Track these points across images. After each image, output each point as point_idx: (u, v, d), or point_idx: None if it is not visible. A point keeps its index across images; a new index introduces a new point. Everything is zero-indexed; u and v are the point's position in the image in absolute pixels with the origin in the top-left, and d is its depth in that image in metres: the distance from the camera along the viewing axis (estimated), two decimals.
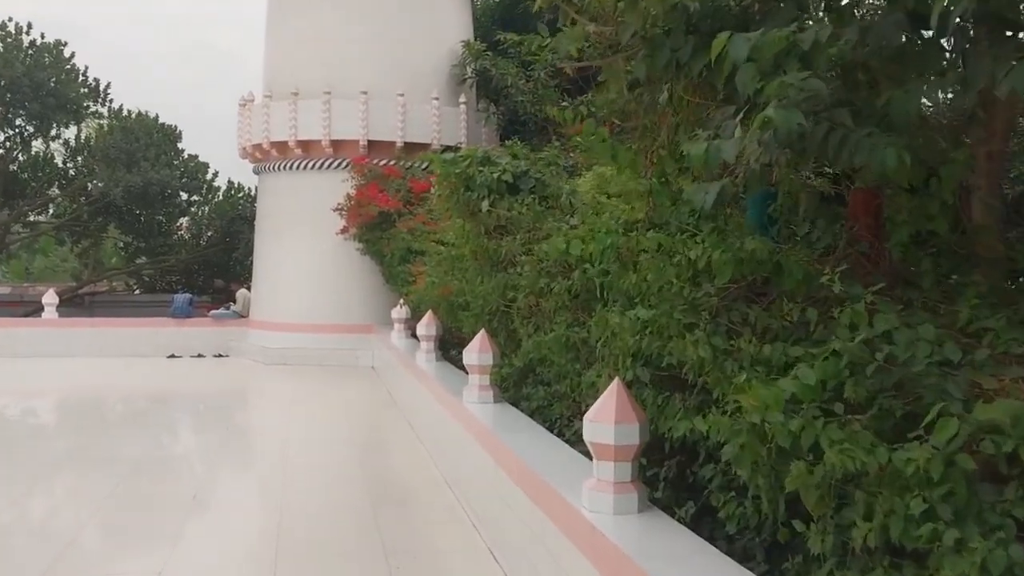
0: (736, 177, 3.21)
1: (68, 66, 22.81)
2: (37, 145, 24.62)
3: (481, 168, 7.05)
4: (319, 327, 15.59)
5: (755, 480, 3.21)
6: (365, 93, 15.34)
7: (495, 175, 6.93)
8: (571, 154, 9.09)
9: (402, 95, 15.45)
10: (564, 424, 5.98)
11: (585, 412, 5.83)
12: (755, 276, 3.47)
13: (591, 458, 5.15)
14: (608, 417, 3.79)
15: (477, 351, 6.76)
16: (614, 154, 4.20)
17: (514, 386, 7.19)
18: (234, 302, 18.06)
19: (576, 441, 5.75)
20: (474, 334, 8.25)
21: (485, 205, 6.87)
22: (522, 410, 6.66)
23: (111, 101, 24.13)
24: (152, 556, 5.49)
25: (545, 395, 6.40)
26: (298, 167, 15.93)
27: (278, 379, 14.14)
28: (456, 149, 12.26)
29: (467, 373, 7.57)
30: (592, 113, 4.80)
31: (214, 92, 65.60)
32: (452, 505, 6.61)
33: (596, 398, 5.20)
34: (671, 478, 4.38)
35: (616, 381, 3.88)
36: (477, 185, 7.03)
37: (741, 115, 3.53)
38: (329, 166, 15.71)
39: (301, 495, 7.00)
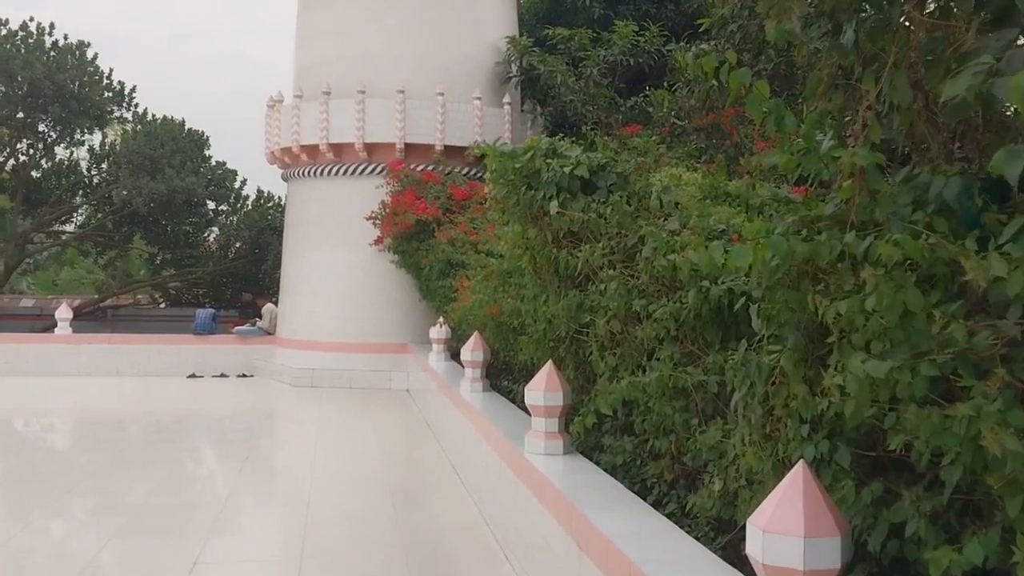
0: None
1: (91, 68, 21.82)
2: (60, 152, 23.72)
3: (548, 160, 5.69)
4: (350, 346, 14.32)
5: None
6: (402, 92, 14.09)
7: (566, 169, 5.55)
8: (625, 156, 7.80)
9: (442, 94, 14.19)
10: (663, 492, 4.57)
11: (701, 479, 4.44)
12: None
13: (717, 546, 3.77)
14: (794, 526, 2.40)
15: (543, 389, 5.38)
16: (780, 119, 2.82)
17: (585, 431, 5.79)
18: (260, 317, 16.86)
19: (682, 516, 4.35)
20: (532, 362, 6.90)
21: (554, 206, 5.49)
22: (597, 463, 5.28)
23: (136, 106, 23.15)
24: None
25: (634, 449, 5.00)
26: (329, 172, 14.70)
27: (305, 404, 12.84)
28: None
29: (529, 414, 6.25)
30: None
31: (247, 104, 65.04)
32: None
33: (725, 467, 3.83)
34: None
35: (801, 467, 2.49)
36: (543, 182, 5.66)
37: None
38: (363, 171, 14.46)
39: (325, 569, 5.65)
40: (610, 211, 5.06)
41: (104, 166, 23.81)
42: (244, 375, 15.67)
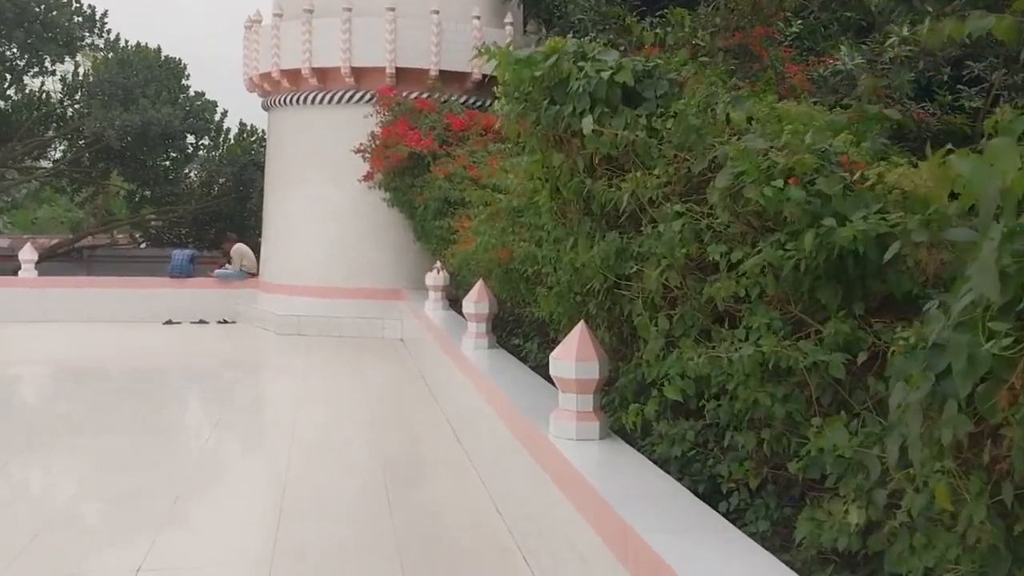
0: None
1: None
2: (30, 81, 22.11)
3: (580, 65, 4.44)
4: (339, 291, 13.13)
5: None
6: (392, 10, 12.66)
7: (604, 75, 4.32)
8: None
9: (437, 13, 12.77)
10: (744, 501, 3.43)
11: (807, 494, 3.27)
12: None
13: None
14: None
15: (575, 358, 4.21)
16: None
17: (620, 406, 4.67)
18: (230, 261, 15.41)
19: (772, 535, 3.23)
20: (551, 319, 5.74)
21: (588, 124, 4.27)
22: (641, 450, 4.16)
23: (108, 32, 21.51)
24: None
25: (696, 439, 3.85)
26: (313, 100, 13.34)
27: (289, 355, 11.71)
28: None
29: (544, 378, 5.16)
30: None
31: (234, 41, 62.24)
32: None
33: (868, 490, 2.68)
34: None
35: None
36: (572, 93, 4.43)
37: None
38: (350, 99, 13.11)
39: (301, 571, 4.56)
40: (671, 126, 3.84)
41: (77, 97, 22.29)
42: (225, 321, 14.53)
